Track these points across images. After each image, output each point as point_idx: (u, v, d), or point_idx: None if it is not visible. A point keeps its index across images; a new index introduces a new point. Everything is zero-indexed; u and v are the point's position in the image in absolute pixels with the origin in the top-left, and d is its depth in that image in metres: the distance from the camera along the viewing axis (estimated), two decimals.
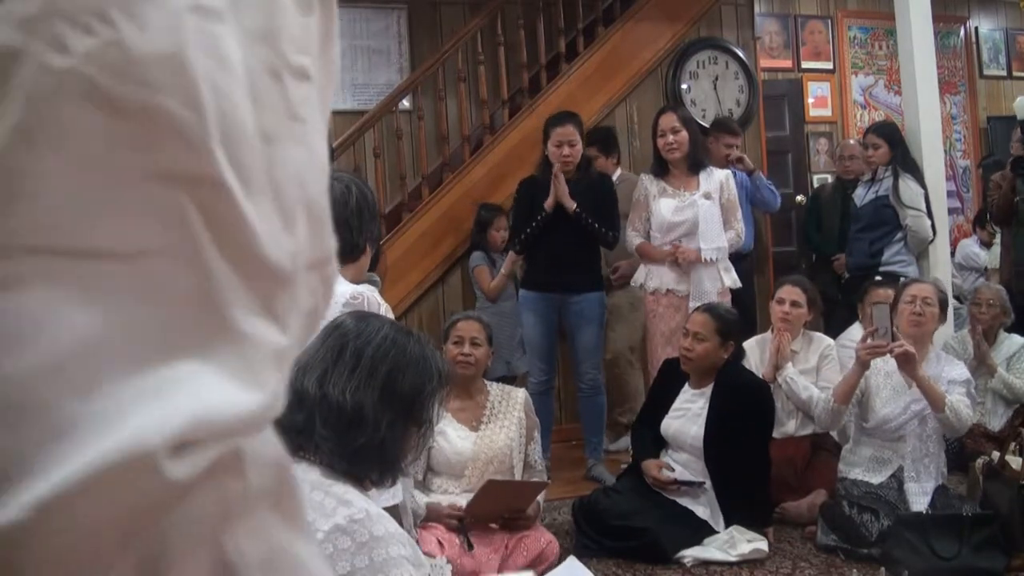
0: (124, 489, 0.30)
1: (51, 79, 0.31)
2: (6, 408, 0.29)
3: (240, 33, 0.36)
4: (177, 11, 0.33)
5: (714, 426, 3.54)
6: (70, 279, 0.30)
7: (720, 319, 3.65)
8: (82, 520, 0.30)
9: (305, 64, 0.39)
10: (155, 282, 0.32)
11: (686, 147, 4.30)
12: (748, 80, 5.98)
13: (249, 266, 0.35)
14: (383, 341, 1.59)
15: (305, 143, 0.39)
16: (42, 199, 0.30)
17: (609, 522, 3.46)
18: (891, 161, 4.88)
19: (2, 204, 0.29)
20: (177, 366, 0.32)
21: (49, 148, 0.30)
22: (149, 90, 0.32)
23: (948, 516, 3.26)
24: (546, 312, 4.46)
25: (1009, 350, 4.65)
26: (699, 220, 4.21)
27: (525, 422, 3.53)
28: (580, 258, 4.43)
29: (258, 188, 0.35)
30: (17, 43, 0.31)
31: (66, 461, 0.29)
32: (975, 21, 7.95)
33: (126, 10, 0.32)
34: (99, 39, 0.31)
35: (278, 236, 0.36)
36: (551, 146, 4.38)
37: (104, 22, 0.32)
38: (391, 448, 1.57)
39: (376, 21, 6.13)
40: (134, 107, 0.32)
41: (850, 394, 3.60)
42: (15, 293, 0.29)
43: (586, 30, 5.66)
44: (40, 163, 0.30)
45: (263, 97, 0.36)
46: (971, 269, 6.34)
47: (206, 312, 0.34)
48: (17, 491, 0.29)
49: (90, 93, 0.31)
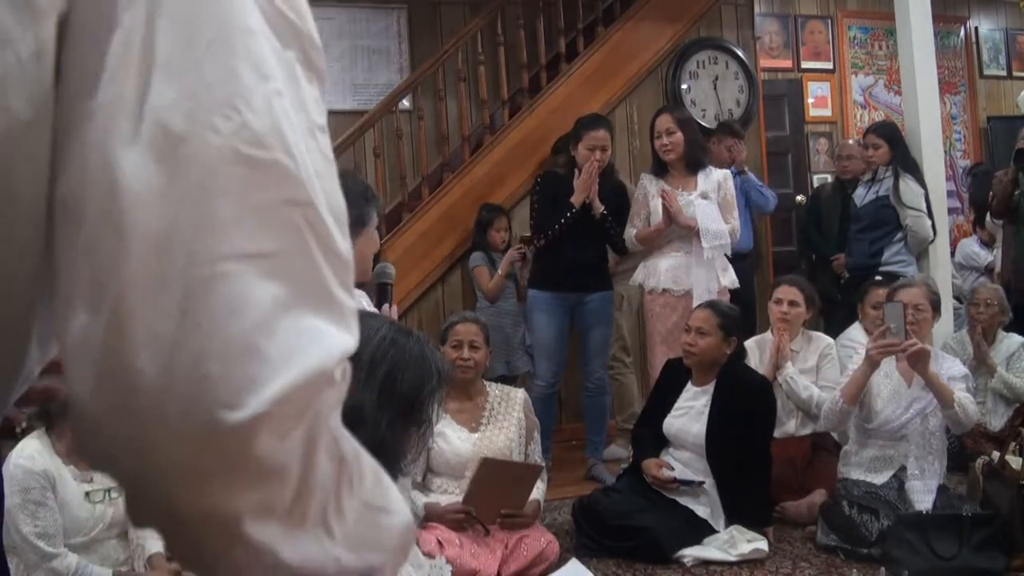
0: (315, 391, 0.52)
1: (212, 151, 0.50)
2: (242, 352, 0.49)
3: (293, 105, 0.54)
4: (268, 96, 0.52)
5: (716, 424, 3.54)
6: (252, 270, 0.50)
7: (722, 314, 3.66)
8: (294, 408, 0.51)
9: (323, 122, 0.57)
10: (292, 268, 0.52)
11: (681, 148, 4.31)
12: (748, 80, 5.98)
13: (335, 259, 0.54)
14: (382, 341, 1.58)
15: (334, 176, 0.57)
16: (222, 225, 0.50)
17: (609, 522, 3.46)
18: (891, 161, 4.88)
19: (205, 231, 0.49)
20: (313, 320, 0.52)
21: (219, 195, 0.50)
22: (269, 151, 0.51)
23: (948, 516, 3.25)
24: (559, 313, 4.47)
25: (1008, 349, 4.65)
26: (697, 219, 4.21)
27: (524, 423, 3.53)
28: (593, 258, 4.47)
29: (326, 207, 0.54)
30: (182, 128, 0.49)
31: (279, 377, 0.50)
32: (975, 21, 7.95)
33: (245, 102, 0.51)
34: (235, 123, 0.50)
35: (340, 238, 0.55)
36: (583, 148, 4.37)
37: (236, 111, 0.50)
38: (390, 448, 1.57)
39: (376, 21, 6.13)
40: (264, 162, 0.51)
41: (858, 394, 3.56)
42: (228, 283, 0.49)
43: (586, 30, 5.67)
44: (215, 203, 0.50)
45: (311, 147, 0.55)
46: (971, 269, 6.33)
47: (320, 287, 0.53)
48: (259, 394, 0.49)
49: (237, 157, 0.50)
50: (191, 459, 0.49)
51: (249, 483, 0.50)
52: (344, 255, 0.55)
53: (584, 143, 4.37)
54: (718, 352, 3.63)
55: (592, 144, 4.35)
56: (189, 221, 0.49)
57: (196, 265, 0.49)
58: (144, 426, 0.49)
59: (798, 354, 4.10)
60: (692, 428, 3.60)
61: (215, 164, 0.49)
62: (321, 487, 0.54)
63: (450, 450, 3.39)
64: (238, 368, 0.49)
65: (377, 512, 0.60)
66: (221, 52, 0.50)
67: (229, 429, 0.48)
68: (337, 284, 0.54)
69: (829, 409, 3.65)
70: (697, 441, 3.58)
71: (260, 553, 0.52)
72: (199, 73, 0.50)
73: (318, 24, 0.57)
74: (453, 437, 3.42)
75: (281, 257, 0.51)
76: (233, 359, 0.49)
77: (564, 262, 4.40)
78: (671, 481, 3.54)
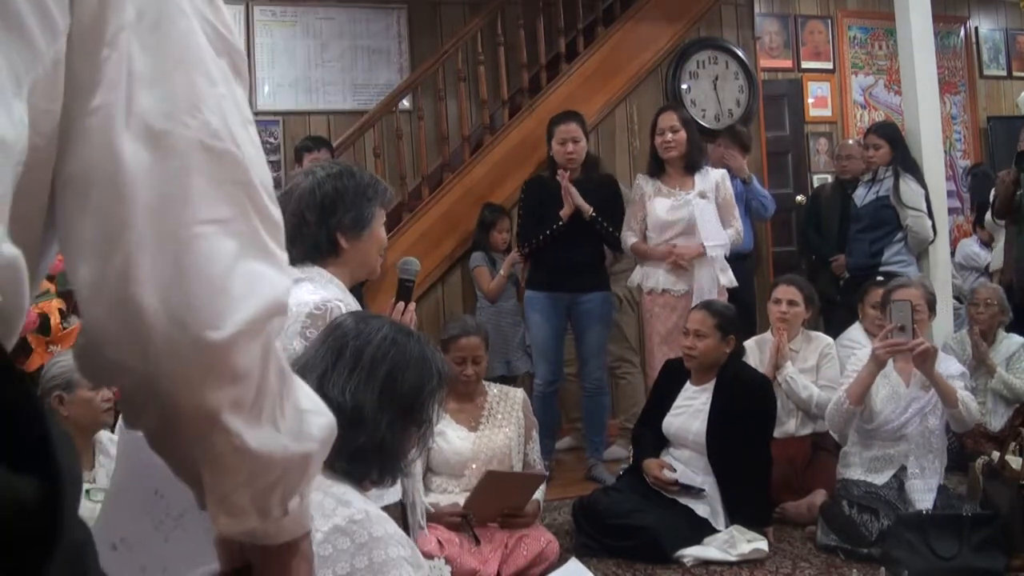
0: (269, 317, 0.71)
1: (184, 142, 0.67)
2: (218, 290, 0.68)
3: (232, 104, 0.71)
4: (218, 99, 0.70)
5: (716, 422, 3.54)
6: (217, 231, 0.68)
7: (718, 314, 3.66)
8: (256, 329, 0.70)
9: (251, 116, 0.74)
10: (240, 230, 0.70)
11: (683, 147, 4.30)
12: (748, 80, 5.98)
13: (269, 222, 0.73)
14: (383, 341, 1.58)
15: (263, 159, 0.74)
16: (195, 197, 0.68)
17: (609, 521, 3.46)
18: (892, 161, 4.88)
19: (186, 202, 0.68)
20: (259, 266, 0.71)
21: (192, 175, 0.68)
22: (223, 142, 0.69)
23: (948, 516, 3.25)
24: (554, 313, 4.47)
25: (1008, 350, 4.65)
26: (696, 219, 4.21)
27: (523, 422, 3.53)
28: (588, 258, 4.46)
29: (260, 184, 0.72)
30: (162, 125, 0.66)
31: (246, 306, 0.69)
32: (975, 21, 7.95)
33: (205, 104, 0.68)
34: (199, 121, 0.68)
35: (272, 207, 0.73)
36: (555, 144, 4.41)
37: (199, 111, 0.68)
38: (391, 448, 1.57)
39: (376, 21, 6.12)
40: (219, 150, 0.69)
41: (864, 394, 3.53)
42: (203, 241, 0.67)
43: (586, 30, 5.66)
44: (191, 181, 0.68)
45: (246, 137, 0.72)
46: (971, 269, 6.33)
47: (260, 243, 0.72)
48: (233, 318, 0.68)
49: (202, 146, 0.68)
50: (185, 366, 0.68)
51: (225, 384, 0.70)
52: (276, 219, 0.74)
53: (555, 138, 4.41)
54: (718, 352, 3.64)
55: (563, 137, 4.38)
56: (174, 194, 0.66)
57: (182, 227, 0.67)
58: (149, 343, 0.67)
59: (798, 354, 4.10)
60: (692, 426, 3.60)
61: (189, 151, 0.67)
62: (271, 391, 0.74)
63: (450, 449, 3.40)
64: (217, 301, 0.68)
65: (307, 413, 0.79)
66: (183, 68, 0.68)
67: (213, 344, 0.68)
68: (272, 241, 0.73)
69: (834, 410, 3.61)
70: (697, 440, 3.58)
71: (231, 436, 0.72)
72: (170, 84, 0.67)
73: (318, 24, 0.63)
74: (452, 436, 3.42)
75: (232, 222, 0.69)
76: (214, 295, 0.68)
77: (559, 263, 4.40)
78: (672, 483, 3.54)
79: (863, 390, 3.53)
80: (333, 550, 1.41)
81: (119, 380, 0.71)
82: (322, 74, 6.00)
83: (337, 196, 2.16)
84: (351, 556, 1.42)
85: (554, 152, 4.43)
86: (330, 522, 1.43)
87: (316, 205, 2.15)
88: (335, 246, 2.17)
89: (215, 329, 0.67)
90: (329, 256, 2.17)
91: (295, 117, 5.94)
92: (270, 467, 0.76)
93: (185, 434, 0.72)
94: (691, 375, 3.72)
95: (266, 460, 0.75)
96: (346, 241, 2.17)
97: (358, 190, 2.19)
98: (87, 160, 0.65)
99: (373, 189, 2.22)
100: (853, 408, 3.54)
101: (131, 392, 0.72)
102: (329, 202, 2.15)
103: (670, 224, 4.27)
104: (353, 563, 1.41)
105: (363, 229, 2.19)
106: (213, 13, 0.72)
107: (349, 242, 2.17)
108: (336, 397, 1.50)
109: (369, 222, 2.20)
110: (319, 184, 2.16)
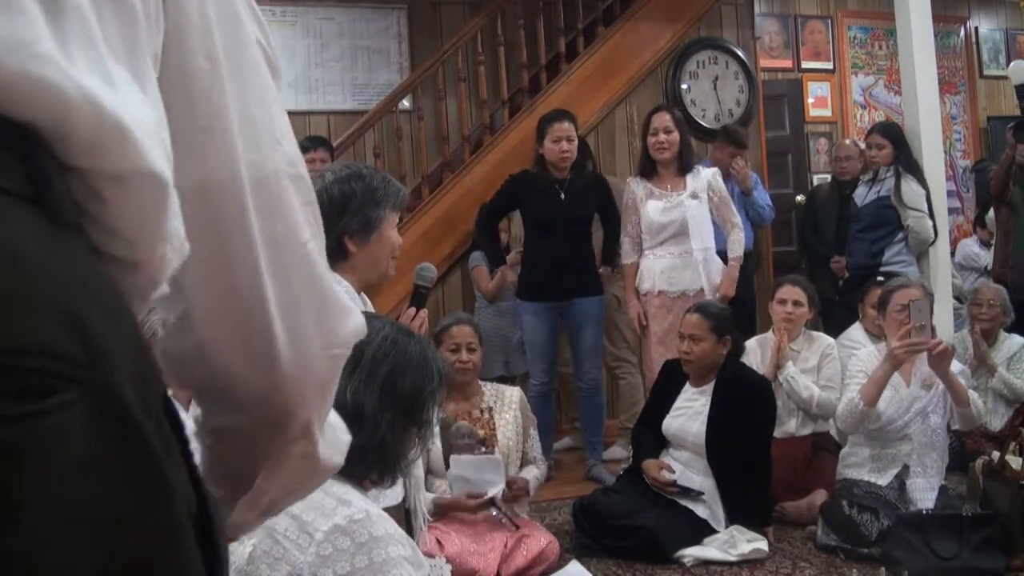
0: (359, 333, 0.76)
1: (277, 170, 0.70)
2: (331, 312, 0.72)
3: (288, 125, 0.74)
4: (285, 127, 0.72)
5: (716, 423, 3.54)
6: (315, 248, 0.72)
7: (712, 317, 3.66)
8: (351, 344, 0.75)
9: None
10: (320, 248, 0.73)
11: (676, 148, 4.31)
12: (748, 80, 5.97)
13: (323, 238, 0.76)
14: (383, 341, 1.59)
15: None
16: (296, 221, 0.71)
17: (609, 522, 3.46)
18: (894, 161, 4.88)
19: (295, 226, 0.71)
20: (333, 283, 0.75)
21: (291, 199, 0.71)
22: (297, 168, 0.71)
23: (948, 516, 3.25)
24: (548, 316, 4.47)
25: (1010, 350, 4.65)
26: (687, 220, 4.21)
27: (521, 420, 3.55)
28: (579, 263, 4.45)
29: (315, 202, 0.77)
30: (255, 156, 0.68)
31: (350, 322, 0.75)
32: (975, 21, 7.95)
33: (284, 136, 0.71)
34: (282, 151, 0.71)
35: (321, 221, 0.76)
36: (548, 142, 4.41)
37: (280, 143, 0.71)
38: (391, 448, 1.57)
39: (376, 21, 6.12)
40: (298, 176, 0.71)
41: (879, 394, 3.49)
42: (312, 260, 0.72)
43: (586, 30, 5.66)
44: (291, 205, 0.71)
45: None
46: (971, 269, 6.33)
47: (325, 259, 0.75)
48: (345, 335, 0.74)
49: (289, 174, 0.70)
50: (307, 382, 0.71)
51: (327, 395, 0.74)
52: (323, 233, 0.76)
53: (549, 136, 4.41)
54: (715, 354, 3.64)
55: (558, 136, 4.39)
56: (284, 220, 0.70)
57: (296, 247, 0.70)
58: (275, 360, 0.68)
59: (799, 354, 4.09)
60: (691, 428, 3.61)
61: (282, 179, 0.70)
62: (330, 400, 0.76)
63: None
64: (337, 318, 0.72)
65: (336, 428, 0.80)
66: (264, 106, 0.70)
67: (333, 358, 0.72)
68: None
69: (847, 411, 3.55)
70: (697, 441, 3.58)
71: (310, 444, 0.74)
72: (256, 122, 0.69)
73: (318, 24, 0.62)
74: None
75: (316, 240, 0.72)
76: (330, 312, 0.72)
77: (545, 272, 4.40)
78: (671, 484, 3.54)
79: (878, 390, 3.49)
80: (333, 549, 1.42)
81: (217, 387, 0.71)
82: (322, 74, 6.00)
83: (344, 200, 2.18)
84: (351, 555, 1.42)
85: (546, 150, 4.43)
86: (330, 521, 1.43)
87: (323, 209, 2.15)
88: (343, 250, 2.18)
89: (338, 346, 0.72)
90: (337, 260, 2.18)
91: (295, 117, 5.93)
92: (323, 474, 0.78)
93: (273, 439, 0.72)
94: (690, 377, 3.72)
95: (323, 468, 0.77)
96: (354, 245, 2.19)
97: (367, 193, 2.20)
98: (212, 176, 0.66)
99: (383, 192, 2.22)
100: (867, 409, 3.50)
101: (216, 394, 0.71)
102: (336, 206, 2.17)
103: (663, 226, 4.27)
104: (353, 562, 1.41)
105: (371, 232, 2.20)
106: (263, 35, 0.73)
107: (357, 246, 2.19)
108: (336, 397, 1.50)
109: (378, 225, 2.20)
110: (326, 188, 2.18)
